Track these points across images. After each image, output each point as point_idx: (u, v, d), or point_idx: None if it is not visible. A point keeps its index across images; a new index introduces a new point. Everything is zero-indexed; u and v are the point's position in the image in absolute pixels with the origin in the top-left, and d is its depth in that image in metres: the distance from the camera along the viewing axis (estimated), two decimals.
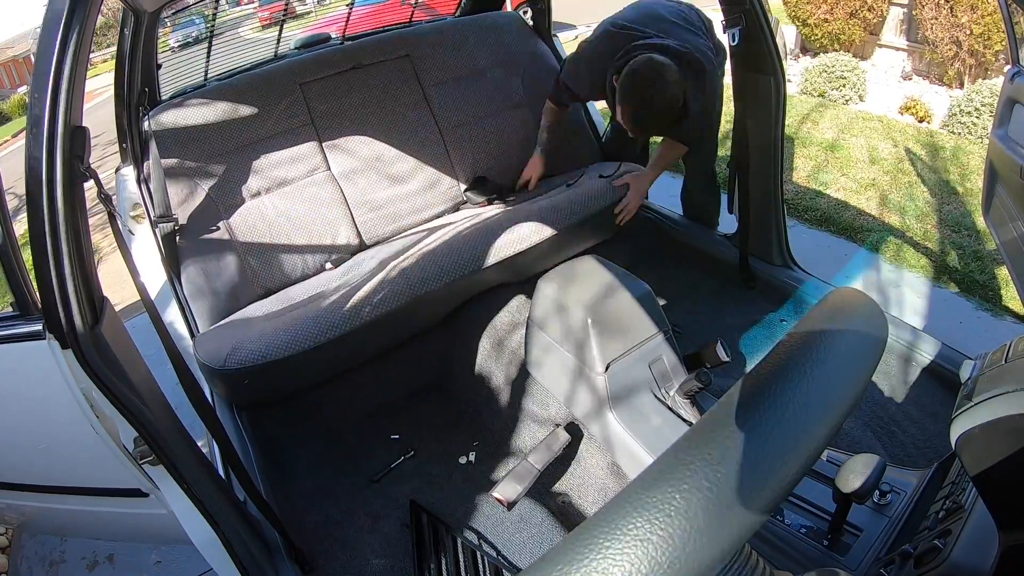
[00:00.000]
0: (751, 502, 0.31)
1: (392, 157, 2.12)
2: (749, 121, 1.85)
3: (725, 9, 1.70)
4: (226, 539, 1.14)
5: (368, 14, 2.95)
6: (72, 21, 0.88)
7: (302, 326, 1.52)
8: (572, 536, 0.31)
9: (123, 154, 1.89)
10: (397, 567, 1.37)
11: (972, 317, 2.33)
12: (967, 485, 0.93)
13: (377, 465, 1.62)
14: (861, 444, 1.45)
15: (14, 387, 1.09)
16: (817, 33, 5.36)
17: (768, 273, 2.02)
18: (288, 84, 2.01)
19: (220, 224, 1.85)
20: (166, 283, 1.77)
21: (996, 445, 0.71)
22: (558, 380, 1.51)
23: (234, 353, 1.47)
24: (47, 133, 0.88)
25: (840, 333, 0.39)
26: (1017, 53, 1.69)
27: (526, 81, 2.30)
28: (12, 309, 1.01)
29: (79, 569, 1.84)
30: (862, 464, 0.98)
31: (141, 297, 1.09)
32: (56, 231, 0.90)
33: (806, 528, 1.17)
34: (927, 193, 3.19)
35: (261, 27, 5.47)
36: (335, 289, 1.76)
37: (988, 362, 0.82)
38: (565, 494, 1.47)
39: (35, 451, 1.21)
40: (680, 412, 1.37)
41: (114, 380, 0.98)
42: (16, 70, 22.49)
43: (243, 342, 1.50)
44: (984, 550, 0.78)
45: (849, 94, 4.55)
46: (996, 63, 4.40)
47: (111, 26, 16.52)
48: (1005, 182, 1.70)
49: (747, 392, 0.36)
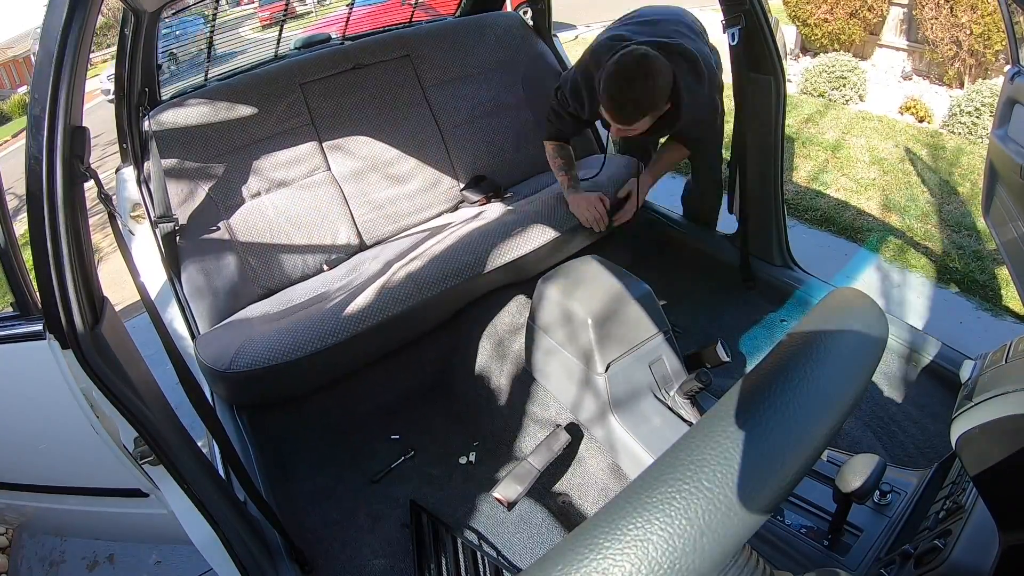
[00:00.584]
0: (751, 502, 0.31)
1: (392, 157, 2.12)
2: (749, 121, 1.85)
3: (725, 9, 1.70)
4: (226, 539, 1.13)
5: (368, 14, 2.95)
6: (72, 21, 0.88)
7: (307, 330, 1.53)
8: (572, 536, 0.31)
9: (123, 154, 1.90)
10: (397, 567, 1.37)
11: (972, 317, 2.33)
12: (967, 485, 0.93)
13: (377, 465, 1.62)
14: (861, 444, 1.45)
15: (14, 387, 1.09)
16: (817, 33, 5.36)
17: (768, 273, 2.02)
18: (288, 84, 2.01)
19: (220, 224, 1.85)
20: (166, 283, 1.77)
21: (996, 445, 0.71)
22: (558, 380, 1.51)
23: (239, 356, 1.48)
24: (47, 133, 0.88)
25: (840, 333, 0.39)
26: (1017, 53, 1.69)
27: (526, 81, 2.30)
28: (12, 309, 1.01)
29: (79, 569, 1.84)
30: (862, 464, 0.98)
31: (141, 297, 1.09)
32: (56, 231, 0.90)
33: (806, 528, 1.16)
34: (927, 193, 3.19)
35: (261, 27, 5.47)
36: (338, 291, 1.76)
37: (988, 362, 0.82)
38: (565, 494, 1.47)
39: (35, 451, 1.21)
40: (680, 412, 1.37)
41: (114, 380, 0.98)
42: (16, 70, 22.49)
43: (247, 345, 1.50)
44: (984, 550, 0.78)
45: (849, 94, 4.55)
46: (996, 63, 4.40)
47: (111, 26, 16.51)
48: (1005, 182, 1.70)
49: (747, 392, 0.36)
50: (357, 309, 1.58)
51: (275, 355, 1.48)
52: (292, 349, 1.50)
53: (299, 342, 1.50)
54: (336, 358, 1.58)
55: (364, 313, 1.58)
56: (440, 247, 1.75)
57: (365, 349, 1.66)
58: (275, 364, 1.48)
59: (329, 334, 1.53)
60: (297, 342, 1.50)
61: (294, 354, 1.50)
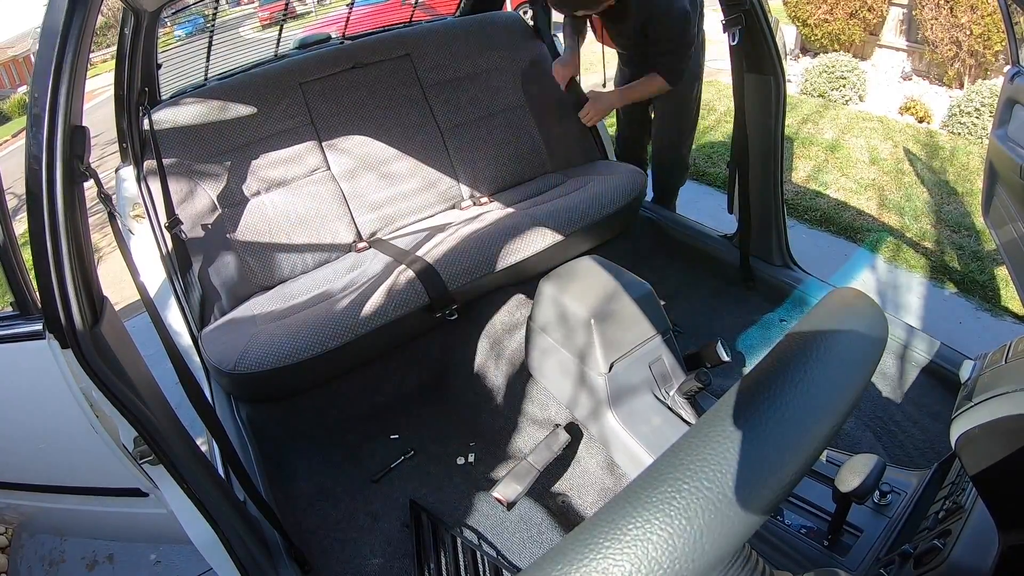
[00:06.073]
0: (751, 502, 0.31)
1: (392, 156, 2.12)
2: (749, 121, 1.85)
3: (725, 9, 1.70)
4: (226, 539, 1.13)
5: (368, 14, 2.96)
6: (72, 21, 0.88)
7: (313, 331, 1.53)
8: (572, 536, 0.31)
9: (123, 154, 1.89)
10: (397, 567, 1.37)
11: (972, 317, 2.33)
12: (967, 485, 0.93)
13: (377, 465, 1.62)
14: (861, 444, 1.45)
15: (14, 387, 1.09)
16: (817, 33, 5.36)
17: (768, 273, 2.02)
18: (288, 84, 2.01)
19: (220, 223, 1.85)
20: (166, 282, 1.77)
21: (996, 445, 0.71)
22: (558, 380, 1.51)
23: (245, 356, 1.49)
24: (47, 133, 0.88)
25: (840, 333, 0.39)
26: (1017, 53, 1.69)
27: (526, 81, 2.30)
28: (12, 309, 1.01)
29: (79, 569, 1.84)
30: (862, 464, 0.98)
31: (141, 297, 1.09)
32: (56, 231, 0.90)
33: (806, 528, 1.17)
34: (927, 193, 3.19)
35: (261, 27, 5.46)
36: (341, 291, 1.76)
37: (988, 362, 0.82)
38: (565, 494, 1.47)
39: (35, 451, 1.21)
40: (680, 412, 1.37)
41: (114, 380, 0.98)
42: (16, 70, 22.47)
43: (253, 345, 1.51)
44: (984, 550, 0.78)
45: (849, 94, 4.55)
46: (996, 63, 4.40)
47: (111, 26, 16.50)
48: (1005, 182, 1.70)
49: (747, 392, 0.36)
50: (363, 311, 1.58)
51: (281, 357, 1.49)
52: (298, 351, 1.50)
53: (306, 344, 1.51)
54: (341, 359, 1.59)
55: (371, 315, 1.58)
56: (444, 248, 1.76)
57: (368, 349, 1.67)
58: (281, 366, 1.49)
59: (335, 336, 1.54)
60: (303, 344, 1.51)
61: (300, 355, 1.50)
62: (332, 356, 1.54)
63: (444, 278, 1.67)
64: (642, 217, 2.27)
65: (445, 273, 1.68)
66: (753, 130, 1.86)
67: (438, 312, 1.69)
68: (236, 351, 1.50)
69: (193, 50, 2.14)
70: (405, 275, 1.68)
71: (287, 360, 1.49)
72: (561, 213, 1.87)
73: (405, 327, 1.68)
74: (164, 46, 2.12)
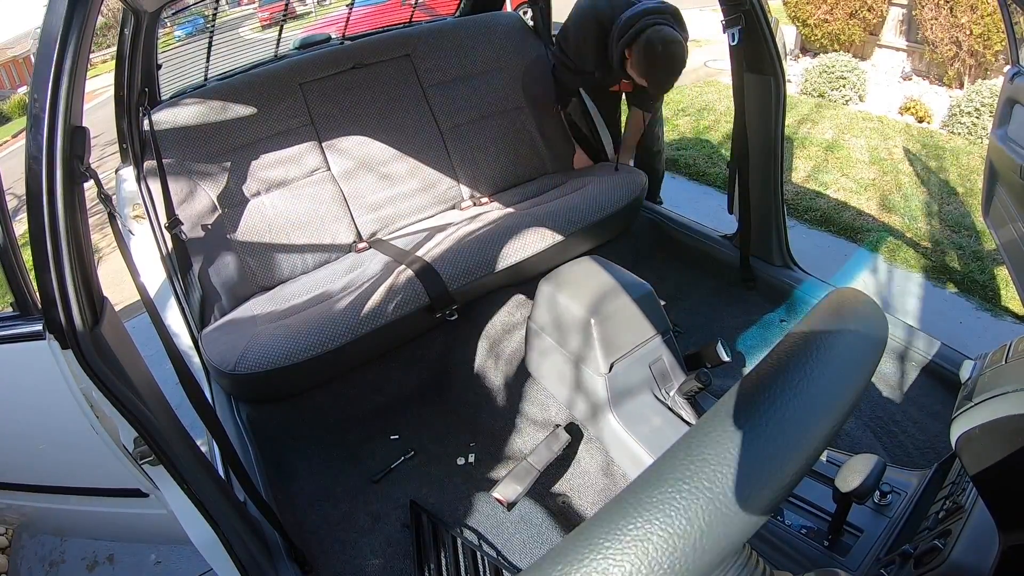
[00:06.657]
0: (751, 502, 0.31)
1: (392, 157, 2.12)
2: (749, 121, 1.85)
3: (725, 9, 1.70)
4: (226, 539, 1.13)
5: (368, 14, 2.95)
6: (72, 21, 0.88)
7: (313, 332, 1.54)
8: (572, 536, 0.31)
9: (123, 154, 1.89)
10: (397, 567, 1.37)
11: (972, 317, 2.33)
12: (967, 485, 0.93)
13: (377, 465, 1.62)
14: (861, 444, 1.45)
15: (14, 387, 1.09)
16: (817, 33, 5.36)
17: (768, 273, 2.02)
18: (288, 84, 2.01)
19: (220, 224, 1.85)
20: (166, 283, 1.77)
21: (996, 445, 0.71)
22: (558, 381, 1.51)
23: (245, 357, 1.49)
24: (47, 133, 0.88)
25: (840, 333, 0.39)
26: (1017, 53, 1.69)
27: (526, 81, 2.30)
28: (12, 309, 1.01)
29: (79, 569, 1.84)
30: (862, 464, 0.98)
31: (141, 297, 1.09)
32: (56, 231, 0.90)
33: (806, 528, 1.16)
34: (927, 193, 3.19)
35: (261, 27, 5.46)
36: (341, 291, 1.76)
37: (988, 362, 0.82)
38: (565, 494, 1.47)
39: (35, 451, 1.21)
40: (680, 412, 1.37)
41: (114, 380, 0.98)
42: (16, 70, 22.47)
43: (254, 346, 1.51)
44: (984, 550, 0.78)
45: (849, 94, 4.55)
46: (996, 63, 4.40)
47: (111, 26, 16.49)
48: (1005, 182, 1.70)
49: (747, 392, 0.36)
50: (363, 312, 1.58)
51: (282, 357, 1.49)
52: (298, 351, 1.51)
53: (306, 344, 1.51)
54: (341, 359, 1.59)
55: (371, 316, 1.58)
56: (444, 248, 1.76)
57: (369, 350, 1.67)
58: (282, 366, 1.49)
59: (335, 336, 1.54)
60: (303, 344, 1.51)
61: (300, 356, 1.51)
62: (332, 356, 1.55)
63: (444, 278, 1.68)
64: (642, 217, 2.27)
65: (445, 273, 1.68)
66: (753, 130, 1.86)
67: (438, 312, 1.69)
68: (236, 351, 1.50)
69: (193, 51, 2.14)
70: (405, 275, 1.68)
71: (287, 360, 1.50)
72: (561, 213, 1.87)
73: (405, 327, 1.69)
74: (164, 47, 2.12)
